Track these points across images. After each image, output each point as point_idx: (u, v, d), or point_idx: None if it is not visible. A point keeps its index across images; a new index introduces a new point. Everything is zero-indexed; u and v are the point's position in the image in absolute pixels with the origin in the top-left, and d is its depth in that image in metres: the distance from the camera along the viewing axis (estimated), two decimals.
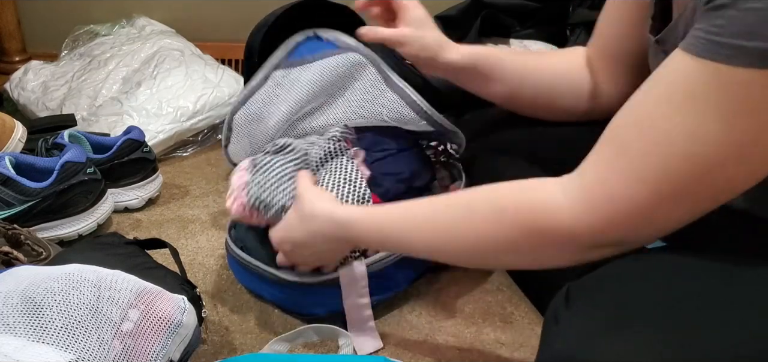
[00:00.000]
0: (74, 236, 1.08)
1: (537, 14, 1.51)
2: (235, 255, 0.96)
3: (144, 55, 1.53)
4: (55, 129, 1.27)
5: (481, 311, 0.96)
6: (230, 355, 0.87)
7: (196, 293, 0.85)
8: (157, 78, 1.44)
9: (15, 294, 0.66)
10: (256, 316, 0.94)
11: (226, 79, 1.48)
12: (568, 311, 0.60)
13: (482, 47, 1.03)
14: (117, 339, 0.66)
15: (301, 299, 0.92)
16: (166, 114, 1.37)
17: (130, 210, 1.20)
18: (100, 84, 1.48)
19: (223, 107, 1.44)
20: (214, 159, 1.38)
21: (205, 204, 1.23)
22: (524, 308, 0.97)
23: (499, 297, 0.99)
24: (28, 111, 1.52)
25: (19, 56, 1.81)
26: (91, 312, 0.65)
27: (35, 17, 1.83)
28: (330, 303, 0.90)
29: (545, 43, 1.48)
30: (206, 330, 0.91)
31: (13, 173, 1.03)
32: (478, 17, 1.45)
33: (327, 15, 1.27)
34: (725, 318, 0.55)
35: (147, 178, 1.20)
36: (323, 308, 0.91)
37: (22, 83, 1.56)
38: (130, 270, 0.73)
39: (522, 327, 0.93)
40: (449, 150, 1.04)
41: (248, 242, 0.97)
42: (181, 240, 1.11)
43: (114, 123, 1.36)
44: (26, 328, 0.64)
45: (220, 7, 1.76)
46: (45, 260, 0.90)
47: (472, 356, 0.88)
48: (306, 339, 0.87)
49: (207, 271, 1.04)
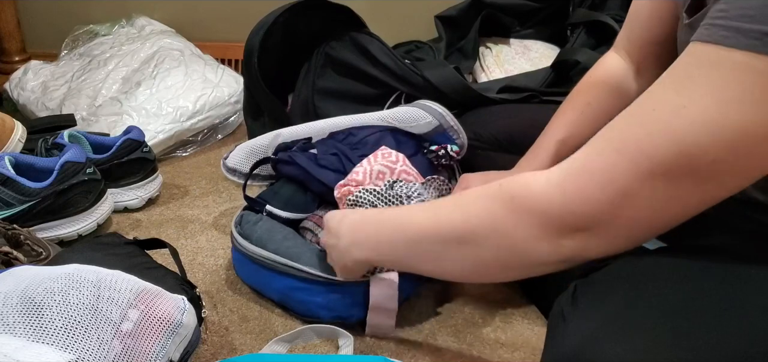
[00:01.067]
0: (74, 236, 1.08)
1: (537, 14, 1.51)
2: (242, 249, 0.96)
3: (144, 54, 1.53)
4: (55, 129, 1.27)
5: (481, 311, 0.96)
6: (230, 355, 0.87)
7: (196, 293, 0.85)
8: (156, 78, 1.44)
9: (15, 294, 0.66)
10: (256, 316, 0.94)
11: (226, 79, 1.48)
12: (576, 309, 0.60)
13: None
14: (117, 339, 0.66)
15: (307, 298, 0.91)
16: (166, 114, 1.37)
17: (130, 210, 1.20)
18: (99, 84, 1.48)
19: (222, 107, 1.44)
20: (214, 159, 1.38)
21: (205, 204, 1.23)
22: (524, 308, 0.97)
23: (499, 298, 0.99)
24: (27, 111, 1.52)
25: (18, 56, 1.81)
26: (90, 312, 0.65)
27: (35, 17, 1.83)
28: (336, 308, 0.90)
29: (545, 43, 1.48)
30: (206, 330, 0.91)
31: (12, 173, 1.03)
32: (478, 17, 1.46)
33: (327, 15, 1.27)
34: (734, 318, 0.54)
35: (147, 178, 1.20)
36: (328, 312, 0.91)
37: (21, 83, 1.56)
38: (130, 270, 0.73)
39: (522, 327, 0.93)
40: (450, 152, 1.04)
41: (253, 238, 0.97)
42: (180, 240, 1.11)
43: (114, 123, 1.36)
44: (26, 328, 0.63)
45: (220, 7, 1.76)
46: (45, 260, 0.90)
47: (472, 356, 0.88)
48: (305, 339, 0.87)
49: (207, 271, 1.04)
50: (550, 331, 0.64)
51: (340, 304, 0.90)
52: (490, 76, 1.40)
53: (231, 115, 1.48)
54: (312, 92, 1.27)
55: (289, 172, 1.03)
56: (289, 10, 1.22)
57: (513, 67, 1.40)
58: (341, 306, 0.90)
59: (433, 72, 1.22)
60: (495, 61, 1.43)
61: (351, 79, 1.26)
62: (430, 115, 1.04)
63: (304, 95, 1.28)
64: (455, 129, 1.04)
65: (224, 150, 1.36)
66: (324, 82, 1.27)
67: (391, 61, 1.22)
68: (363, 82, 1.25)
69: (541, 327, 0.93)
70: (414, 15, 1.68)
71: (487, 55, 1.45)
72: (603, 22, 1.36)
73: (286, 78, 1.30)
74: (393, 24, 1.61)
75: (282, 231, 0.97)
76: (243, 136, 1.39)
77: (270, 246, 0.95)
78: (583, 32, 1.38)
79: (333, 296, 0.89)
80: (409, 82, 1.21)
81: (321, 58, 1.28)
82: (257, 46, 1.20)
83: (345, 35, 1.26)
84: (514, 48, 1.45)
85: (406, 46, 1.50)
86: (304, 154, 1.03)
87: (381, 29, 1.29)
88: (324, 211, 0.99)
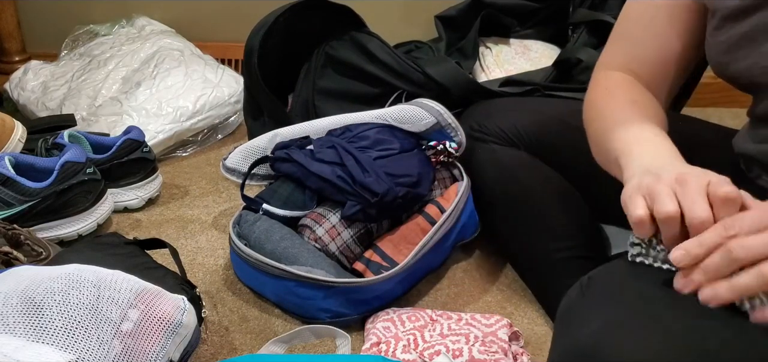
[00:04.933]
0: (74, 236, 1.08)
1: (537, 14, 1.51)
2: (239, 251, 0.96)
3: (144, 55, 1.53)
4: (55, 129, 1.27)
5: (481, 311, 0.96)
6: (230, 355, 0.87)
7: (196, 293, 0.85)
8: (156, 78, 1.44)
9: (15, 294, 0.66)
10: (256, 316, 0.94)
11: (226, 79, 1.48)
12: (588, 302, 0.60)
13: None
14: (117, 339, 0.66)
15: (304, 300, 0.91)
16: (166, 114, 1.37)
17: (130, 210, 1.20)
18: (99, 84, 1.47)
19: (222, 107, 1.44)
20: (214, 159, 1.38)
21: (205, 204, 1.23)
22: (524, 308, 0.97)
23: (499, 298, 0.99)
24: (27, 111, 1.52)
25: (18, 56, 1.81)
26: (91, 312, 0.65)
27: (35, 17, 1.83)
28: (333, 309, 0.90)
29: (545, 43, 1.48)
30: (206, 330, 0.91)
31: (12, 173, 1.03)
32: (478, 17, 1.45)
33: (327, 15, 1.27)
34: None
35: (147, 178, 1.20)
36: (326, 314, 0.91)
37: (21, 83, 1.56)
38: (130, 270, 0.73)
39: (522, 327, 0.93)
40: (449, 149, 1.04)
41: (251, 238, 0.97)
42: (180, 240, 1.11)
43: (114, 123, 1.36)
44: (26, 328, 0.64)
45: (220, 7, 1.76)
46: (45, 260, 0.90)
47: None
48: (303, 340, 0.87)
49: (207, 271, 1.04)
50: (561, 324, 0.63)
51: (337, 305, 0.90)
52: (490, 76, 1.40)
53: (231, 115, 1.47)
54: (312, 92, 1.27)
55: (286, 169, 1.03)
56: (289, 10, 1.22)
57: (513, 67, 1.40)
58: (338, 307, 0.90)
59: (434, 68, 1.21)
60: (495, 61, 1.43)
61: (351, 78, 1.26)
62: (428, 113, 1.04)
63: (304, 95, 1.27)
64: (453, 126, 1.04)
65: (224, 150, 1.36)
66: (324, 82, 1.27)
67: (392, 58, 1.22)
68: (363, 82, 1.25)
69: (541, 327, 0.93)
70: (414, 15, 1.68)
71: (487, 55, 1.45)
72: (604, 21, 1.36)
73: (286, 78, 1.30)
74: (393, 24, 1.60)
75: (280, 231, 0.97)
76: (243, 136, 1.39)
77: (267, 246, 0.95)
78: (585, 32, 1.38)
79: (329, 298, 0.89)
80: (410, 79, 1.21)
81: (321, 58, 1.27)
82: (257, 46, 1.20)
83: (345, 35, 1.26)
84: (514, 48, 1.45)
85: (406, 46, 1.50)
86: (301, 151, 1.03)
87: (381, 29, 1.29)
88: (322, 208, 1.00)
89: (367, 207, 0.96)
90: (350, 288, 0.90)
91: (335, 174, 0.97)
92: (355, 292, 0.90)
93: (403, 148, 1.03)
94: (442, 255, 1.02)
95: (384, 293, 0.92)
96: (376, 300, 0.92)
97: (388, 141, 1.03)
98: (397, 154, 1.02)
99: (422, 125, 1.05)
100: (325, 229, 0.96)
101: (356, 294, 0.90)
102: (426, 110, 1.05)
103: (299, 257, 0.92)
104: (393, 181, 0.97)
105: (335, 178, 0.97)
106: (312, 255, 0.93)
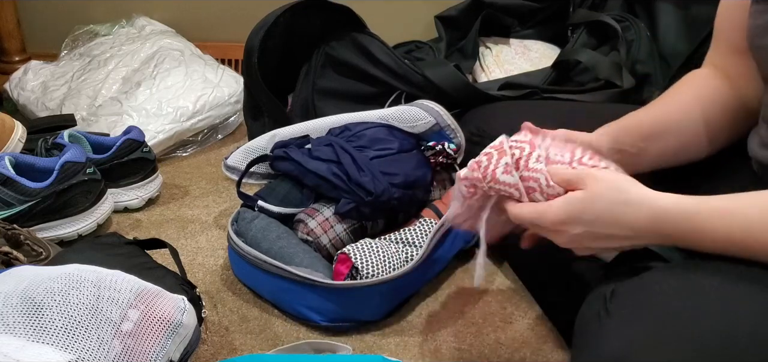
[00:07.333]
0: (74, 236, 1.08)
1: (537, 14, 1.51)
2: (236, 248, 0.96)
3: (144, 55, 1.53)
4: (55, 129, 1.27)
5: (481, 311, 0.96)
6: (230, 355, 0.87)
7: (196, 293, 0.85)
8: (156, 78, 1.44)
9: (15, 294, 0.66)
10: (256, 316, 0.94)
11: (226, 79, 1.48)
12: (617, 312, 0.59)
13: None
14: (117, 339, 0.66)
15: (298, 300, 0.91)
16: (166, 114, 1.37)
17: (130, 210, 1.20)
18: (99, 84, 1.47)
19: (222, 107, 1.44)
20: (214, 159, 1.38)
21: (205, 204, 1.23)
22: (524, 308, 0.97)
23: (499, 298, 0.99)
24: (27, 111, 1.52)
25: (18, 56, 1.81)
26: (91, 312, 0.65)
27: (35, 17, 1.83)
28: (325, 311, 0.90)
29: (545, 43, 1.48)
30: (206, 330, 0.91)
31: (12, 173, 1.03)
32: (478, 17, 1.46)
33: (327, 15, 1.27)
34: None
35: (147, 178, 1.20)
36: (319, 315, 0.90)
37: (21, 83, 1.56)
38: (130, 270, 0.73)
39: (522, 327, 0.93)
40: (448, 150, 1.04)
41: (248, 236, 0.97)
42: (180, 240, 1.11)
43: (114, 123, 1.36)
44: (26, 328, 0.64)
45: (220, 7, 1.76)
46: (45, 260, 0.90)
47: (472, 356, 0.88)
48: (302, 353, 0.86)
49: (207, 271, 1.04)
50: (583, 337, 0.63)
51: (330, 307, 0.89)
52: (490, 76, 1.40)
53: (231, 115, 1.47)
54: (312, 92, 1.27)
55: (284, 167, 1.03)
56: (289, 10, 1.22)
57: (513, 67, 1.40)
58: (330, 310, 0.89)
59: (433, 70, 1.22)
60: (495, 61, 1.43)
61: (351, 78, 1.26)
62: (428, 114, 1.04)
63: (304, 95, 1.28)
64: (452, 128, 1.04)
65: (224, 150, 1.37)
66: (324, 82, 1.27)
67: (392, 60, 1.22)
68: (363, 82, 1.25)
69: (541, 327, 0.93)
70: (414, 15, 1.68)
71: (487, 55, 1.45)
72: (604, 22, 1.36)
73: (286, 78, 1.30)
74: (393, 24, 1.60)
75: (277, 230, 0.97)
76: (243, 136, 1.39)
77: (263, 244, 0.94)
78: (585, 32, 1.38)
79: (322, 299, 0.89)
80: (410, 81, 1.21)
81: (321, 58, 1.28)
82: (257, 46, 1.20)
83: (345, 35, 1.26)
84: (514, 48, 1.46)
85: (406, 46, 1.50)
86: (298, 149, 1.03)
87: (381, 29, 1.29)
88: (319, 205, 1.00)
89: (361, 205, 0.96)
90: (342, 291, 0.89)
91: (331, 171, 0.97)
92: (347, 295, 0.89)
93: (401, 148, 1.03)
94: (445, 254, 1.01)
95: (380, 297, 0.92)
96: (372, 305, 0.91)
97: (387, 140, 1.03)
98: (395, 153, 1.02)
99: (421, 125, 1.05)
100: (318, 222, 0.97)
101: (347, 298, 0.89)
102: (425, 111, 1.05)
103: (295, 257, 0.92)
104: (389, 181, 0.97)
105: (331, 175, 0.97)
106: (308, 256, 0.93)
